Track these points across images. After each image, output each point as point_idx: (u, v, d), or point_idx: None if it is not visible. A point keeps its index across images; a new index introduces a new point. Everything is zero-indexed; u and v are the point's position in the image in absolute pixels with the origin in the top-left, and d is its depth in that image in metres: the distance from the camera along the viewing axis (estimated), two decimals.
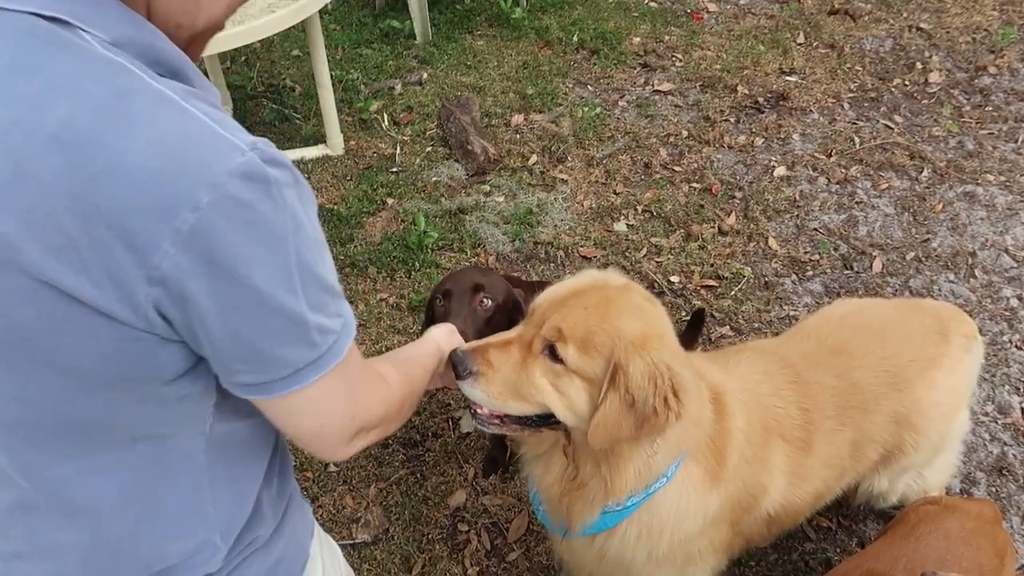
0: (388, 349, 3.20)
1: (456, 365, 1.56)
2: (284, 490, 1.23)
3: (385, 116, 4.45)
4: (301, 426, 1.01)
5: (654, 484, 1.70)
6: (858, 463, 2.12)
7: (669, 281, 3.47)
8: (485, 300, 2.18)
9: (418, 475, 2.81)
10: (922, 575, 1.26)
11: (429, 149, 4.22)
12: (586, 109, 4.44)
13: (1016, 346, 3.17)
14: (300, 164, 4.08)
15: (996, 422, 2.90)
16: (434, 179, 4.02)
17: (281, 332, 0.90)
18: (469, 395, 1.60)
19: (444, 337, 1.63)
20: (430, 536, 2.64)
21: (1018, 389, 3.02)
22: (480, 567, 2.56)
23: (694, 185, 3.99)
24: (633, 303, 1.62)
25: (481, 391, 1.57)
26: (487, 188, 3.98)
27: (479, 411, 1.65)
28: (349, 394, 1.03)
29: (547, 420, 1.63)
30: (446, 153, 4.20)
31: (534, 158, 4.15)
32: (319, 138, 4.21)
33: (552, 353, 1.55)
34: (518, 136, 4.30)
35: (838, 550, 2.58)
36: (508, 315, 2.24)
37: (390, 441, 2.90)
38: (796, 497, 2.00)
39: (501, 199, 3.92)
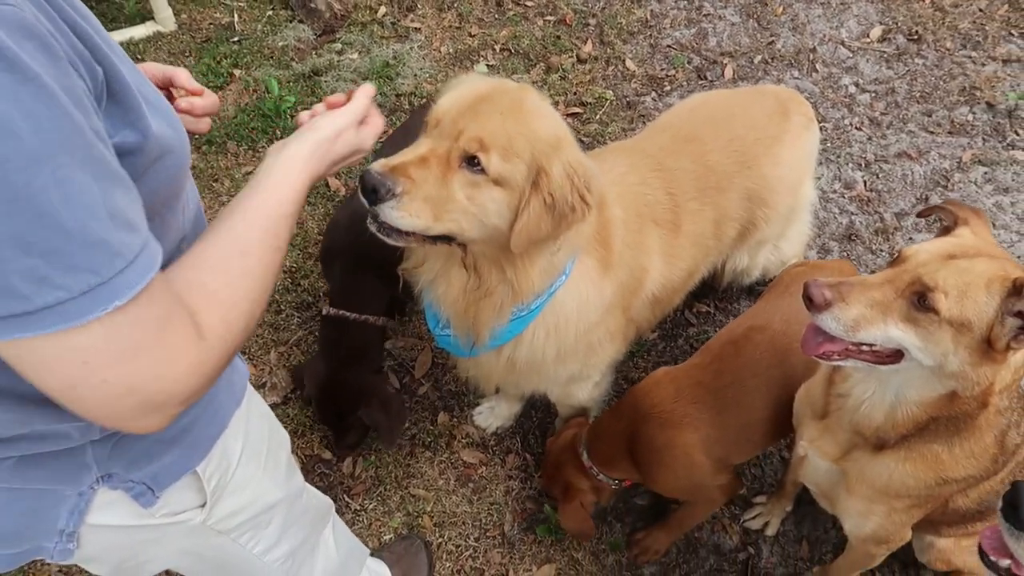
0: None
1: (376, 188, 1.43)
2: None
3: None
4: (41, 381, 0.80)
5: (555, 282, 1.77)
6: (720, 241, 2.29)
7: None
8: None
9: (316, 334, 2.83)
10: (805, 283, 1.41)
11: (270, 13, 3.98)
12: None
13: (855, 127, 3.42)
14: (129, 45, 3.77)
15: (844, 196, 3.17)
16: (281, 43, 3.82)
17: None
18: (390, 217, 1.47)
19: (311, 151, 1.16)
20: None
21: (860, 165, 3.29)
22: None
23: (548, 18, 3.95)
24: (538, 104, 1.61)
25: (404, 213, 1.47)
26: (339, 46, 3.82)
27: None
28: (112, 361, 0.79)
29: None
30: (288, 15, 3.97)
31: (383, 9, 3.98)
32: (145, 15, 3.87)
33: (471, 164, 1.50)
34: None
35: (718, 328, 2.82)
36: None
37: (282, 307, 2.89)
38: (672, 276, 2.16)
39: (355, 55, 3.77)
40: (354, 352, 2.37)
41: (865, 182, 3.23)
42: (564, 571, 2.31)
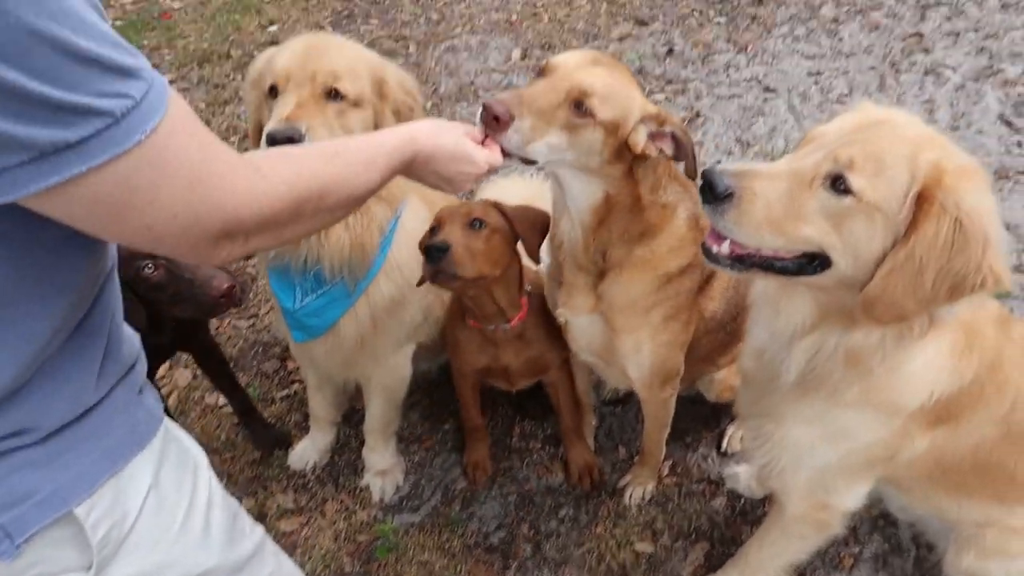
0: None
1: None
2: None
3: None
4: (111, 229, 0.82)
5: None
6: None
7: None
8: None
9: None
10: (484, 103, 1.48)
11: None
12: None
13: None
14: None
15: None
16: None
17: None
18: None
19: (427, 126, 1.34)
20: None
21: None
22: None
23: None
24: None
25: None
26: None
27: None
28: (176, 187, 0.81)
29: None
30: None
31: None
32: None
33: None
34: None
35: None
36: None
37: None
38: None
39: None
40: None
41: None
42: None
